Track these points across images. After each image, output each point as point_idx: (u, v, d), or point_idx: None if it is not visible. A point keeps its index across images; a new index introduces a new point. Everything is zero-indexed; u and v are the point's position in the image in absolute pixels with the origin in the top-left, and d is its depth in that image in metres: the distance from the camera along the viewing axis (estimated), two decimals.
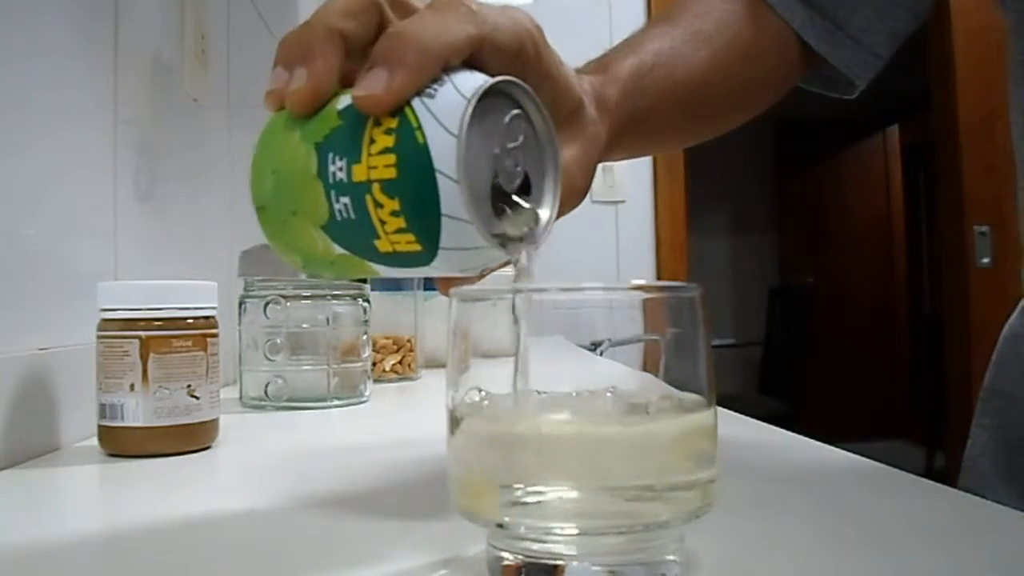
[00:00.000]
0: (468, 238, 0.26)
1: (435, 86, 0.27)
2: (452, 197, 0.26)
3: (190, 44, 0.78)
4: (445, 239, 0.26)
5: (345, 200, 0.27)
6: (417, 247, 0.27)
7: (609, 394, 0.25)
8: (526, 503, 0.23)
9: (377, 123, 0.27)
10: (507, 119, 0.28)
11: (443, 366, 0.26)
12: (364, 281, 0.74)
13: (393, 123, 0.26)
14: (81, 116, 0.56)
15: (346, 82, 0.29)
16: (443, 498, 0.25)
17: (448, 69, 0.27)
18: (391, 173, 0.26)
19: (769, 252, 4.28)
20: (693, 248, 1.83)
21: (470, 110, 0.26)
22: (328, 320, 0.70)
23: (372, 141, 0.27)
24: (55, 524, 0.35)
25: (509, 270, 0.29)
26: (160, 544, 0.31)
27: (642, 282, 0.26)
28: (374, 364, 0.84)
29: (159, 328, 0.46)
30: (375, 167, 0.26)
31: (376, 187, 0.26)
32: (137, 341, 0.46)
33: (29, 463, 0.46)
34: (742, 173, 4.15)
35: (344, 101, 0.28)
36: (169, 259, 0.73)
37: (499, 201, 0.28)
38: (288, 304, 0.69)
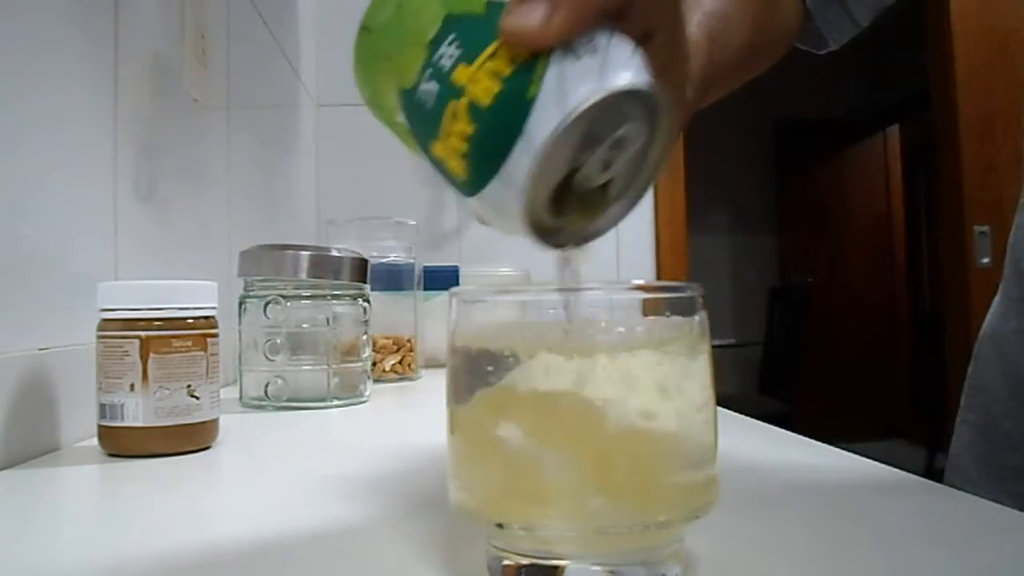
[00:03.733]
0: (511, 205, 0.25)
1: (585, 43, 0.24)
2: (520, 164, 0.24)
3: (190, 44, 0.78)
4: (490, 191, 0.25)
5: (433, 87, 0.25)
6: (462, 176, 0.25)
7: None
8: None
9: None
10: (628, 124, 0.25)
11: (443, 366, 0.26)
12: (363, 281, 0.74)
13: (521, 54, 0.24)
14: (81, 116, 0.56)
15: None
16: (443, 498, 0.25)
17: (604, 25, 0.25)
18: (485, 99, 0.24)
19: (769, 252, 4.28)
20: (693, 248, 1.83)
21: (596, 99, 0.23)
22: (328, 320, 0.70)
23: (492, 55, 0.24)
24: (55, 524, 0.35)
25: (510, 270, 0.29)
26: (160, 544, 0.31)
27: (642, 282, 0.26)
28: (374, 364, 0.84)
29: (159, 328, 0.46)
30: (477, 81, 0.24)
31: (464, 101, 0.24)
32: (137, 341, 0.46)
33: (29, 463, 0.46)
34: (742, 173, 4.15)
35: None
36: (169, 259, 0.73)
37: (565, 190, 0.26)
38: (288, 304, 0.69)
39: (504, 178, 0.24)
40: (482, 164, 0.24)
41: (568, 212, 0.26)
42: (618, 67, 0.24)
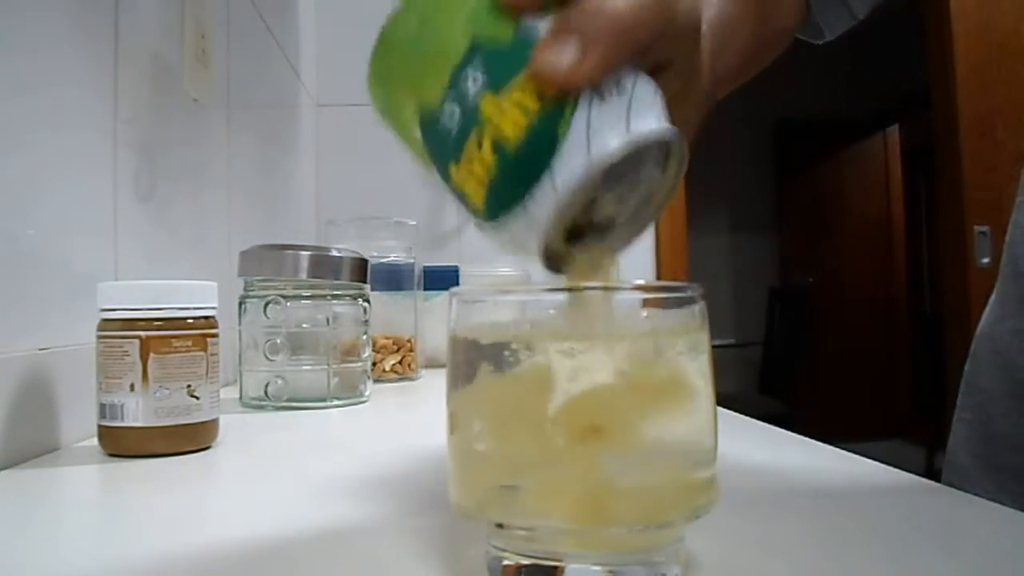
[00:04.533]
0: (527, 238, 0.25)
1: (612, 83, 0.24)
2: (542, 205, 0.24)
3: (190, 44, 0.78)
4: (507, 222, 0.25)
5: (456, 111, 0.25)
6: (479, 203, 0.25)
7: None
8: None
9: None
10: (646, 164, 0.26)
11: (443, 366, 0.26)
12: (364, 281, 0.74)
13: (549, 90, 0.24)
14: (81, 116, 0.56)
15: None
16: (443, 498, 0.25)
17: (630, 63, 0.25)
18: (512, 134, 0.24)
19: (769, 252, 4.28)
20: (693, 248, 1.83)
21: (622, 148, 0.23)
22: (328, 320, 0.70)
23: (520, 88, 0.24)
24: (55, 524, 0.35)
25: (510, 270, 0.29)
26: (160, 544, 0.31)
27: (642, 282, 0.26)
28: (374, 364, 0.84)
29: (159, 328, 0.46)
30: (504, 113, 0.24)
31: (489, 131, 0.24)
32: (137, 341, 0.46)
33: (29, 463, 0.46)
34: (742, 173, 4.15)
35: (531, 24, 0.25)
36: (169, 259, 0.73)
37: (577, 220, 0.26)
38: (288, 304, 0.69)
39: (524, 214, 0.24)
40: (503, 197, 0.25)
41: (578, 240, 0.27)
42: (644, 112, 0.24)
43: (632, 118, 0.24)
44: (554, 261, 0.27)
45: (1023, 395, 0.46)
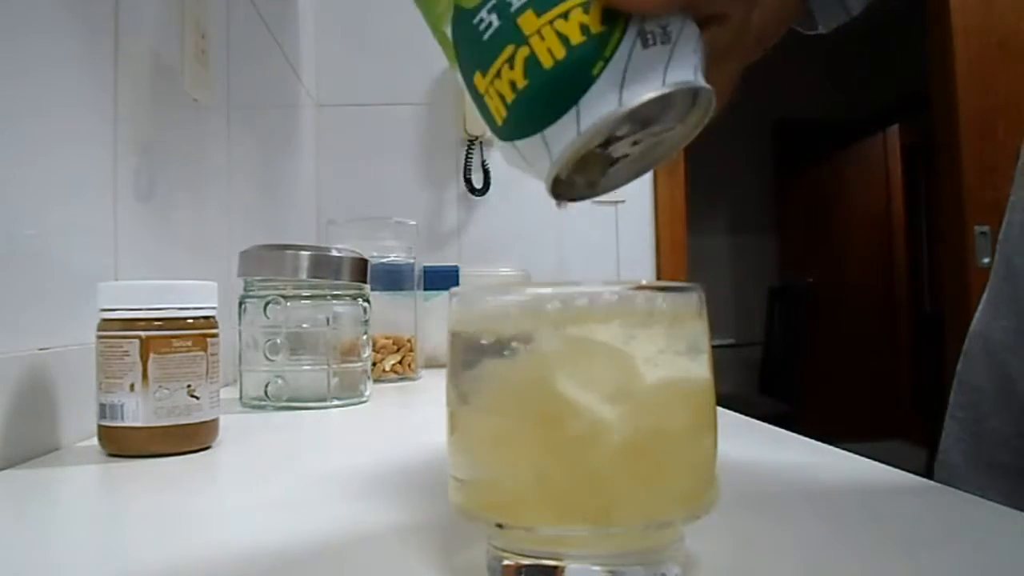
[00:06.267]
0: (539, 159, 0.25)
1: (658, 27, 0.23)
2: (563, 135, 0.23)
3: (190, 44, 0.78)
4: (523, 145, 0.25)
5: (494, 20, 0.24)
6: (498, 120, 0.25)
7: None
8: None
9: (586, 8, 0.23)
10: (667, 116, 0.25)
11: (443, 366, 0.26)
12: (364, 281, 0.74)
13: (594, 24, 0.23)
14: (81, 116, 0.56)
15: None
16: (443, 498, 0.25)
17: (680, 9, 0.24)
18: (547, 60, 0.23)
19: (769, 252, 4.28)
20: (693, 248, 1.83)
21: (654, 95, 0.23)
22: (328, 320, 0.70)
23: (563, 15, 0.23)
24: (55, 524, 0.35)
25: (510, 270, 0.29)
26: (160, 544, 0.31)
27: (642, 282, 0.26)
28: (374, 364, 0.84)
29: (159, 328, 0.46)
30: (543, 37, 0.23)
31: (524, 51, 0.23)
32: (137, 341, 0.46)
33: (29, 463, 0.46)
34: (742, 173, 4.15)
35: None
36: (169, 259, 0.73)
37: (588, 154, 0.26)
38: (288, 304, 0.69)
39: (542, 140, 0.24)
40: (525, 119, 0.24)
41: (585, 172, 0.27)
42: (683, 63, 0.24)
43: (670, 69, 0.24)
44: (556, 187, 0.26)
45: (1014, 393, 0.47)
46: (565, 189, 0.27)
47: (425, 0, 0.27)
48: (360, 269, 0.73)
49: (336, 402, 0.70)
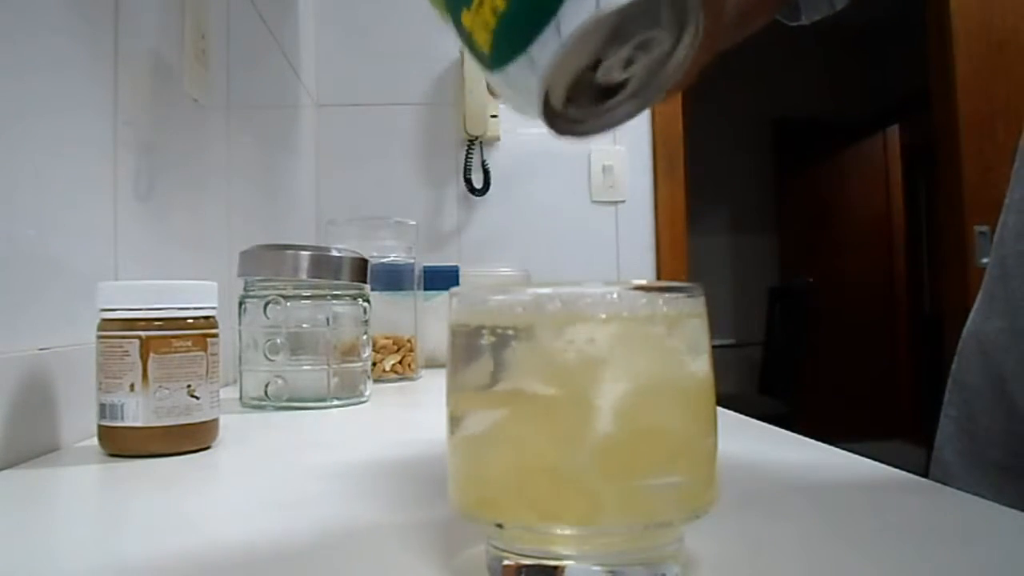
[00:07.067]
0: (529, 86, 0.25)
1: None
2: (546, 50, 0.23)
3: (190, 44, 0.78)
4: (511, 69, 0.25)
5: None
6: (486, 50, 0.25)
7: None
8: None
9: None
10: (658, 27, 0.25)
11: (443, 366, 0.26)
12: (364, 281, 0.74)
13: None
14: (81, 116, 0.56)
15: None
16: (443, 498, 0.25)
17: None
18: None
19: (769, 252, 4.28)
20: (693, 248, 1.83)
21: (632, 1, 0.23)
22: (328, 320, 0.70)
23: None
24: (55, 524, 0.35)
25: (510, 270, 0.29)
26: (160, 544, 0.31)
27: (642, 282, 0.26)
28: (374, 364, 0.84)
29: (159, 328, 0.46)
30: None
31: None
32: (137, 341, 0.46)
33: (29, 463, 0.46)
34: (742, 173, 4.15)
35: None
36: (169, 259, 0.73)
37: (583, 80, 0.26)
38: (288, 304, 0.69)
39: (528, 60, 0.24)
40: (509, 42, 0.24)
41: (581, 101, 0.26)
42: None
43: None
44: (554, 120, 0.26)
45: (1006, 392, 0.47)
46: (566, 125, 0.27)
47: None
48: (360, 269, 0.73)
49: (336, 402, 0.70)
